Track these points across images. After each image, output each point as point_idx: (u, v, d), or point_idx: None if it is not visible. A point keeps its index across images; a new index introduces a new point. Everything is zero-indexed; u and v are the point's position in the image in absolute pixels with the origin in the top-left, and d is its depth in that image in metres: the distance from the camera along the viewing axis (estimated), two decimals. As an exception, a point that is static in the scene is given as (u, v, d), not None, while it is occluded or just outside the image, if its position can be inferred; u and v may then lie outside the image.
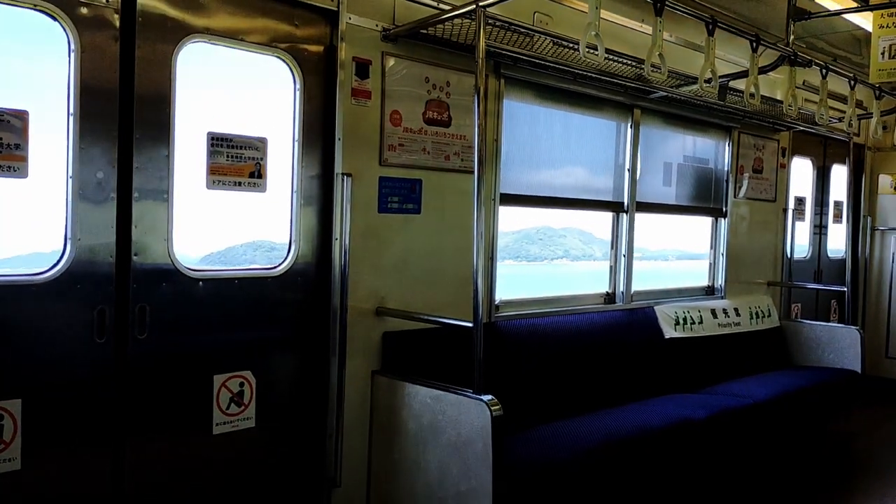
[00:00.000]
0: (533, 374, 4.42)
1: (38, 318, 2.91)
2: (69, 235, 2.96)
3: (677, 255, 6.57)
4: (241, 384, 3.46)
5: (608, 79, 4.71)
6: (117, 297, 3.09)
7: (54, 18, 2.89)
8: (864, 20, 5.78)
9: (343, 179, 3.64)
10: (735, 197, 6.31)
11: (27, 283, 2.89)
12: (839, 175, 7.85)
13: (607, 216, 5.36)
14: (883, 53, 5.39)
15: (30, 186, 2.86)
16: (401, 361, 3.86)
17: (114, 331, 3.08)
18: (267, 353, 3.57)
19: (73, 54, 2.93)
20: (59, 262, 2.95)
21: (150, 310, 3.16)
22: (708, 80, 4.04)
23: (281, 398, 3.61)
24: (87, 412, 3.04)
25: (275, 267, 3.59)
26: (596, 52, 3.39)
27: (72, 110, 2.94)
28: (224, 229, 3.61)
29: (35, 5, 2.85)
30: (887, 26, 5.38)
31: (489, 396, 3.27)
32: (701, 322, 5.62)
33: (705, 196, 6.13)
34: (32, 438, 2.90)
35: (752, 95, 4.41)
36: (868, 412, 6.79)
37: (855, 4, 5.46)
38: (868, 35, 5.70)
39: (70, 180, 2.95)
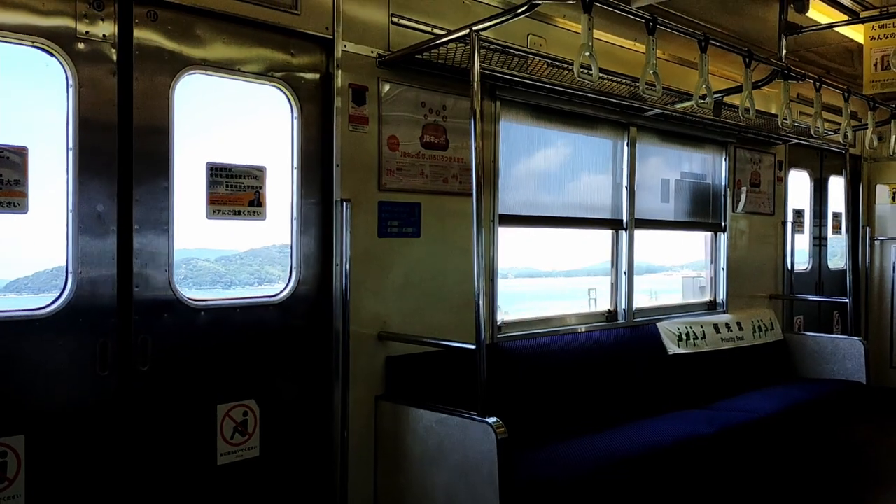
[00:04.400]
0: (538, 395, 4.40)
1: (40, 352, 2.90)
2: (70, 269, 2.97)
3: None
4: (245, 413, 3.45)
5: (603, 98, 4.73)
6: (119, 329, 3.09)
7: (51, 54, 2.92)
8: (856, 33, 5.82)
9: (342, 205, 3.65)
10: (733, 211, 6.32)
11: (29, 318, 2.89)
12: (837, 186, 7.87)
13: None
14: (875, 65, 5.43)
15: (30, 221, 2.86)
16: (404, 386, 3.85)
17: (116, 363, 3.08)
18: (270, 381, 3.55)
19: (71, 89, 2.95)
20: (60, 296, 2.95)
21: (152, 341, 3.16)
22: (702, 97, 4.06)
23: (285, 426, 3.60)
24: (90, 446, 3.03)
25: (276, 294, 3.59)
26: (590, 72, 3.41)
27: (71, 145, 2.96)
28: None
29: (32, 42, 2.88)
30: (878, 38, 5.42)
31: (494, 419, 3.25)
32: (704, 337, 5.61)
33: (704, 211, 6.14)
34: (36, 474, 2.88)
35: (746, 110, 4.43)
36: (875, 423, 6.76)
37: (845, 17, 5.50)
38: (859, 46, 5.75)
39: (70, 214, 2.96)
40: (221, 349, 3.39)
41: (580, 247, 5.60)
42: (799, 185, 7.47)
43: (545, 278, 5.31)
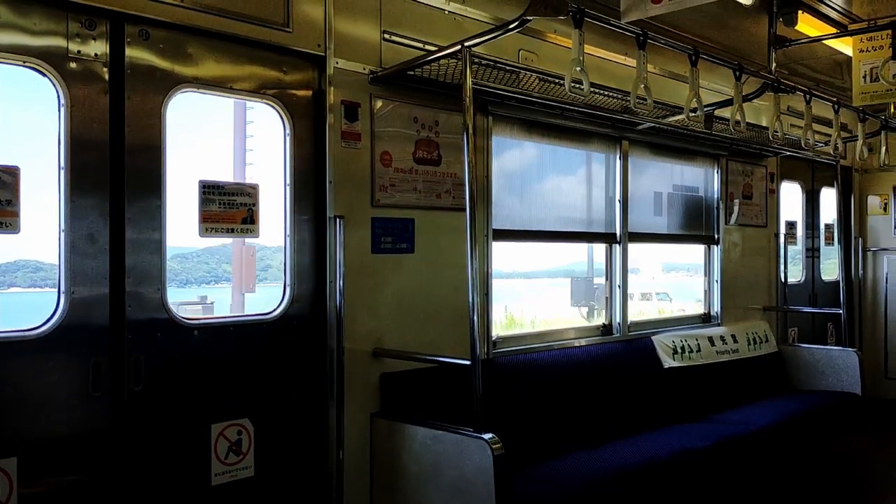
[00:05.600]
0: (533, 409, 4.39)
1: (32, 373, 2.88)
2: (62, 289, 2.95)
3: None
4: (239, 432, 3.42)
5: (595, 112, 4.75)
6: (112, 349, 3.06)
7: (43, 74, 2.91)
8: (845, 45, 5.86)
9: (336, 222, 3.64)
10: (726, 224, 6.33)
11: (21, 339, 2.87)
12: (828, 198, 7.90)
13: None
14: (864, 77, 5.46)
15: (23, 241, 2.85)
16: (400, 403, 3.83)
17: (109, 383, 3.05)
18: (264, 399, 3.53)
19: (62, 108, 2.94)
20: (52, 316, 2.93)
21: (145, 361, 3.13)
22: (693, 110, 4.08)
23: (280, 445, 3.57)
24: (83, 466, 3.00)
25: (270, 312, 3.57)
26: (581, 87, 3.42)
27: (63, 164, 2.94)
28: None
29: (24, 62, 2.87)
30: (867, 50, 5.45)
31: (490, 435, 3.24)
32: (699, 350, 5.61)
33: (696, 224, 6.15)
34: (28, 497, 2.85)
35: (737, 123, 4.45)
36: (870, 434, 6.76)
37: (834, 30, 5.54)
38: (848, 59, 5.78)
39: (62, 234, 2.95)
40: (215, 368, 3.37)
41: (544, 252, 5.63)
42: (791, 197, 7.51)
43: (506, 279, 5.38)
